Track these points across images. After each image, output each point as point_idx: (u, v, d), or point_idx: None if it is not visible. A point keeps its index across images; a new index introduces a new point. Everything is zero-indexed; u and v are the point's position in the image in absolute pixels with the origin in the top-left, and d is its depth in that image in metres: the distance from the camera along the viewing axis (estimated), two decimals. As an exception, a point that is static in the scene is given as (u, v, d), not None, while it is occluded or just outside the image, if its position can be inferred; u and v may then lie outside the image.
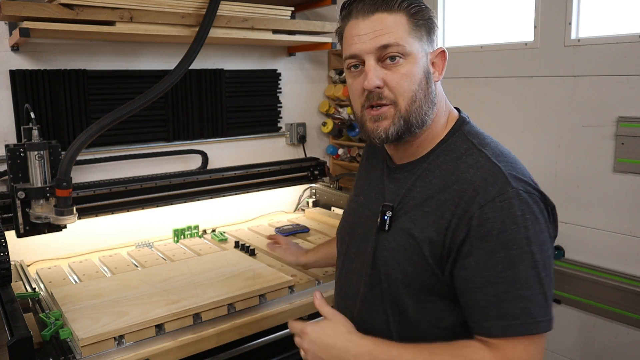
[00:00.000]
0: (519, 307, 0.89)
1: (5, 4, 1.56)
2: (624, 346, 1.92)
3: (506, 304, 0.90)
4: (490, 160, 0.97)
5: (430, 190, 1.00)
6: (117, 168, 2.17)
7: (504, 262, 0.90)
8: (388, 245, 1.03)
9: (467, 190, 0.94)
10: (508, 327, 0.89)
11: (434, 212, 0.97)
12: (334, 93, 2.68)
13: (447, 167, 1.00)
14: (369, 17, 0.98)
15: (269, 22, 2.10)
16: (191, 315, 1.47)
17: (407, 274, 1.00)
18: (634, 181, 1.84)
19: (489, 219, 0.91)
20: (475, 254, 0.92)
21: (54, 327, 1.36)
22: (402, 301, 1.02)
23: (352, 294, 1.14)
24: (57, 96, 1.97)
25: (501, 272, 0.90)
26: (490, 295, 0.91)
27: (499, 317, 0.90)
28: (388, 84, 0.98)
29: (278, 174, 2.48)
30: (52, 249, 1.98)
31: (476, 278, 0.92)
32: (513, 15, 2.20)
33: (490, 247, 0.91)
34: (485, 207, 0.91)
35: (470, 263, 0.93)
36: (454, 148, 1.03)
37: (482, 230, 0.91)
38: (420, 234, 0.98)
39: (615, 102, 1.85)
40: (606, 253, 1.94)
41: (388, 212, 1.04)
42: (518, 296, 0.89)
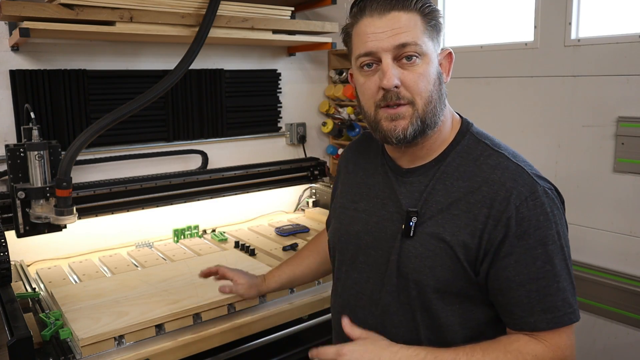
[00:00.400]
0: (560, 299, 0.94)
1: (5, 4, 1.56)
2: (624, 346, 1.92)
3: (549, 297, 0.94)
4: (511, 161, 1.00)
5: (456, 193, 0.99)
6: (117, 168, 2.17)
7: (542, 258, 0.94)
8: (415, 251, 1.01)
9: (499, 192, 0.96)
10: (554, 319, 0.94)
11: (464, 215, 0.97)
12: (334, 93, 2.68)
13: (467, 169, 1.01)
14: (385, 15, 0.96)
15: (269, 22, 2.10)
16: (191, 315, 1.47)
17: (438, 279, 0.99)
18: (634, 181, 1.84)
19: (525, 218, 0.94)
20: (515, 253, 0.95)
21: (54, 327, 1.36)
22: (432, 307, 1.00)
23: (364, 305, 1.09)
24: (57, 96, 1.97)
25: (541, 267, 0.94)
26: (533, 291, 0.94)
27: (544, 311, 0.94)
28: (405, 84, 0.97)
29: (278, 174, 2.48)
30: (52, 249, 1.98)
31: (518, 276, 0.95)
32: (513, 15, 2.20)
33: (528, 245, 0.94)
34: (520, 206, 0.94)
35: (511, 262, 0.95)
36: (469, 150, 1.03)
37: (520, 229, 0.94)
38: (452, 237, 0.97)
39: (615, 102, 1.85)
40: (606, 253, 1.94)
41: (414, 217, 1.01)
42: (558, 289, 0.94)
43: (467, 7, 2.39)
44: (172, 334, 1.42)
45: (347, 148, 1.30)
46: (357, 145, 1.27)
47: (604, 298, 1.94)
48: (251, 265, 1.79)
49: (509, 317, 0.98)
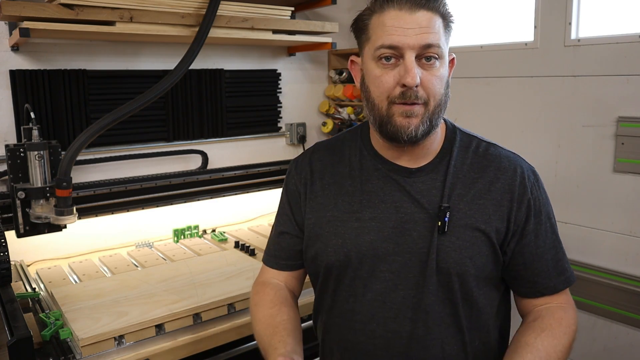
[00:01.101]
0: (566, 261, 1.10)
1: (5, 4, 1.56)
2: (624, 346, 1.92)
3: (560, 262, 1.09)
4: (506, 149, 1.12)
5: (475, 184, 1.06)
6: (117, 168, 2.17)
7: (550, 230, 1.08)
8: (452, 245, 1.02)
9: (514, 178, 1.06)
10: (566, 280, 1.09)
11: (490, 203, 1.05)
12: (334, 93, 2.68)
13: (473, 162, 1.08)
14: (415, 12, 0.96)
15: (269, 22, 2.10)
16: (191, 315, 1.47)
17: (478, 267, 1.04)
18: (634, 181, 1.84)
19: (537, 197, 1.07)
20: (534, 230, 1.06)
21: (54, 327, 1.36)
22: (473, 295, 1.05)
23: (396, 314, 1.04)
24: (57, 96, 1.97)
25: (552, 238, 1.08)
26: (550, 260, 1.07)
27: (559, 274, 1.08)
28: (423, 84, 0.97)
29: (278, 174, 2.48)
30: (52, 249, 1.98)
31: (539, 249, 1.06)
32: (513, 15, 2.20)
33: (541, 220, 1.07)
34: (532, 188, 1.07)
35: (532, 238, 1.06)
36: (466, 144, 1.11)
37: (536, 208, 1.06)
38: (486, 225, 1.04)
39: (615, 102, 1.85)
40: (606, 253, 1.94)
41: (448, 213, 1.02)
42: (563, 253, 1.10)
43: (467, 7, 2.39)
44: (172, 334, 1.42)
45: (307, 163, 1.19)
46: (320, 156, 1.18)
47: (604, 298, 1.94)
48: (251, 265, 1.79)
49: (531, 286, 1.08)
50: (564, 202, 2.02)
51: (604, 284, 1.93)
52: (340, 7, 2.59)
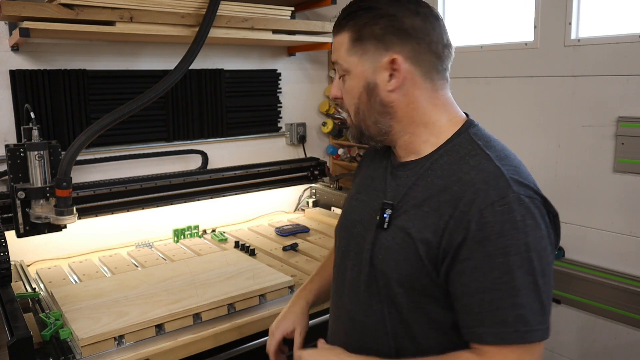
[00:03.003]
0: (514, 314, 0.88)
1: (5, 4, 1.56)
2: (624, 346, 1.92)
3: (501, 310, 0.89)
4: (493, 162, 0.95)
5: (431, 190, 0.98)
6: (117, 168, 2.17)
7: (501, 268, 0.89)
8: (386, 243, 1.02)
9: (466, 192, 0.93)
10: (502, 334, 0.89)
11: (432, 212, 0.96)
12: (334, 93, 2.67)
13: (450, 168, 0.99)
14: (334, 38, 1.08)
15: (269, 22, 2.10)
16: (191, 315, 1.47)
17: (402, 273, 0.99)
18: (634, 181, 1.84)
19: (488, 223, 0.89)
20: (473, 259, 0.91)
21: (54, 327, 1.36)
22: (397, 300, 1.01)
23: (348, 292, 1.12)
24: (57, 96, 1.97)
25: (498, 278, 0.89)
26: (486, 302, 0.90)
27: (493, 324, 0.89)
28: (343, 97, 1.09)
29: (278, 174, 2.48)
30: (52, 249, 1.98)
31: (473, 283, 0.91)
32: (513, 15, 2.20)
33: (488, 252, 0.89)
34: (484, 210, 0.90)
35: (468, 267, 0.91)
36: (459, 149, 1.01)
37: (481, 234, 0.90)
38: (417, 233, 0.97)
39: (615, 102, 1.85)
40: (606, 253, 1.94)
41: (388, 210, 1.03)
42: (514, 303, 0.88)
43: (467, 7, 2.39)
44: (172, 334, 1.42)
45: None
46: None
47: (604, 298, 1.94)
48: (251, 265, 1.79)
49: (462, 324, 0.95)
50: (563, 202, 2.02)
51: (603, 283, 1.93)
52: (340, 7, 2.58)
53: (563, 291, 2.05)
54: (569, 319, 2.06)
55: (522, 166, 0.99)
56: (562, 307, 2.07)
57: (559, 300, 2.07)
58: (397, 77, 1.00)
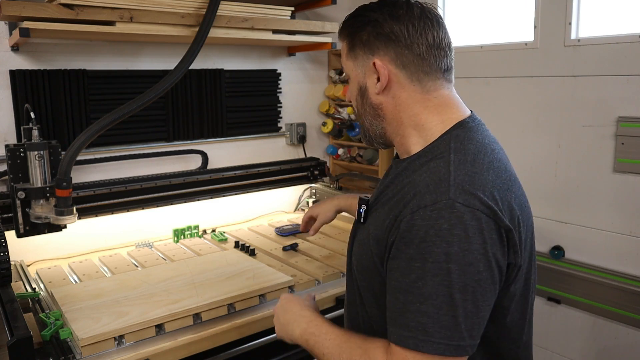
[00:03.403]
0: (416, 321, 0.87)
1: (5, 4, 1.56)
2: (624, 346, 1.92)
3: (407, 314, 0.88)
4: (446, 167, 0.92)
5: (394, 190, 1.01)
6: (117, 168, 2.17)
7: (417, 272, 0.88)
8: (358, 237, 1.10)
9: (408, 194, 0.94)
10: (400, 337, 0.89)
11: (387, 211, 0.99)
12: (334, 93, 2.68)
13: (415, 169, 0.99)
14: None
15: (269, 22, 2.10)
16: (191, 315, 1.47)
17: (363, 268, 1.06)
18: (634, 181, 1.84)
19: (415, 226, 0.88)
20: (398, 258, 0.91)
21: (54, 327, 1.36)
22: (362, 292, 1.09)
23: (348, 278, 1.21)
24: (57, 96, 1.97)
25: (412, 281, 0.88)
26: (399, 302, 0.90)
27: (397, 325, 0.90)
28: None
29: (278, 174, 2.48)
30: (52, 249, 1.98)
31: (393, 282, 0.92)
32: (513, 15, 2.20)
33: (409, 255, 0.89)
34: (415, 213, 0.89)
35: (393, 266, 0.93)
36: (434, 150, 0.98)
37: (408, 236, 0.90)
38: (373, 231, 1.02)
39: (615, 102, 1.85)
40: (606, 253, 1.94)
41: (363, 205, 1.09)
42: (418, 310, 0.87)
43: (467, 7, 2.39)
44: (172, 334, 1.42)
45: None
46: None
47: (604, 298, 1.94)
48: (251, 265, 1.79)
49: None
50: (564, 202, 2.02)
51: (603, 284, 1.94)
52: (340, 7, 2.59)
53: (563, 291, 2.05)
54: (569, 319, 2.06)
55: (487, 174, 0.93)
56: (562, 307, 2.07)
57: (559, 300, 2.07)
58: (382, 80, 1.03)
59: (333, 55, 2.71)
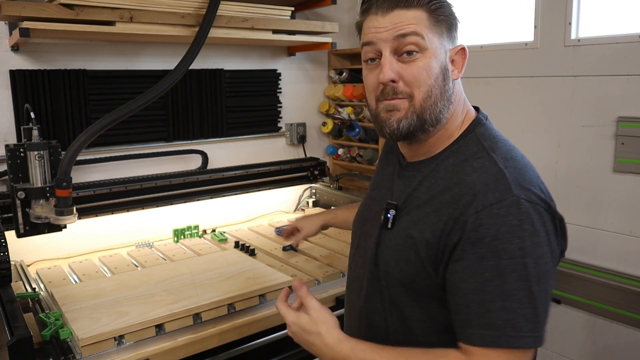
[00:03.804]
0: (503, 318, 0.87)
1: (5, 4, 1.56)
2: (624, 346, 1.92)
3: (490, 313, 0.88)
4: (496, 165, 0.94)
5: (434, 191, 0.99)
6: (117, 168, 2.17)
7: (492, 270, 0.88)
8: (389, 243, 1.04)
9: (466, 194, 0.92)
10: (489, 337, 0.88)
11: (433, 214, 0.97)
12: (334, 93, 2.68)
13: (453, 170, 0.99)
14: (389, 13, 0.97)
15: (269, 22, 2.10)
16: (191, 315, 1.47)
17: (404, 274, 1.00)
18: (634, 181, 1.84)
19: (484, 225, 0.89)
20: (466, 259, 0.91)
21: (54, 327, 1.36)
22: (398, 300, 1.02)
23: (357, 288, 1.14)
24: (57, 96, 1.97)
25: (489, 280, 0.88)
26: (475, 303, 0.89)
27: (481, 326, 0.88)
28: (404, 78, 0.97)
29: (278, 174, 2.48)
30: (52, 249, 1.98)
31: (463, 283, 0.91)
32: (513, 15, 2.20)
33: (480, 254, 0.89)
34: (481, 212, 0.89)
35: (459, 268, 0.91)
36: (464, 150, 1.00)
37: (475, 235, 0.89)
38: (419, 235, 0.98)
39: (615, 102, 1.85)
40: (606, 253, 1.94)
41: (392, 210, 1.03)
42: (502, 307, 0.87)
43: (467, 7, 2.39)
44: (172, 334, 1.42)
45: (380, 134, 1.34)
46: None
47: (604, 298, 1.94)
48: (251, 265, 1.79)
49: (454, 324, 0.94)
50: (564, 202, 2.02)
51: (604, 284, 1.93)
52: (340, 7, 2.59)
53: (563, 291, 2.05)
54: (569, 319, 2.06)
55: (528, 169, 0.97)
56: (562, 307, 2.07)
57: (559, 300, 2.07)
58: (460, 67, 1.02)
59: (333, 55, 2.71)
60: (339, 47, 2.53)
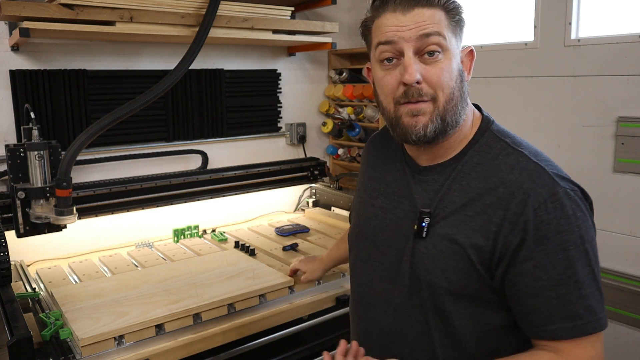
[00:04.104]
0: (583, 306, 0.90)
1: (5, 4, 1.56)
2: (624, 346, 1.92)
3: (571, 305, 0.90)
4: (531, 160, 0.95)
5: (471, 193, 0.96)
6: (117, 168, 2.17)
7: (563, 263, 0.90)
8: (428, 252, 0.99)
9: (515, 193, 0.92)
10: (575, 328, 0.90)
11: (478, 216, 0.94)
12: (334, 93, 2.68)
13: (484, 169, 0.97)
14: (410, 11, 0.94)
15: (269, 22, 2.10)
16: (191, 315, 1.47)
17: (451, 282, 0.96)
18: (634, 181, 1.84)
19: (544, 221, 0.90)
20: (534, 258, 0.91)
21: (54, 327, 1.36)
22: (446, 309, 0.98)
23: (378, 303, 1.08)
24: (57, 96, 1.97)
25: (561, 273, 0.90)
26: (553, 298, 0.90)
27: (564, 319, 0.90)
28: (427, 80, 0.94)
29: (278, 174, 2.48)
30: (52, 249, 1.98)
31: (537, 282, 0.91)
32: (513, 15, 2.20)
33: (548, 250, 0.90)
34: (538, 209, 0.90)
35: (529, 268, 0.91)
36: (487, 148, 0.99)
37: (538, 233, 0.90)
38: (465, 239, 0.95)
39: (615, 102, 1.85)
40: (606, 253, 1.93)
41: (427, 218, 0.99)
42: (580, 296, 0.90)
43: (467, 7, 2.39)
44: (172, 334, 1.42)
45: (370, 140, 1.26)
46: (378, 138, 1.23)
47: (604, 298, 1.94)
48: (251, 265, 1.79)
49: (529, 325, 0.94)
50: (564, 202, 2.02)
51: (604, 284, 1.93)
52: (340, 7, 2.59)
53: (563, 291, 2.05)
54: (569, 319, 2.06)
55: (551, 160, 1.00)
56: (562, 307, 2.07)
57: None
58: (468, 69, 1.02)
59: (333, 55, 2.71)
60: (339, 47, 2.53)
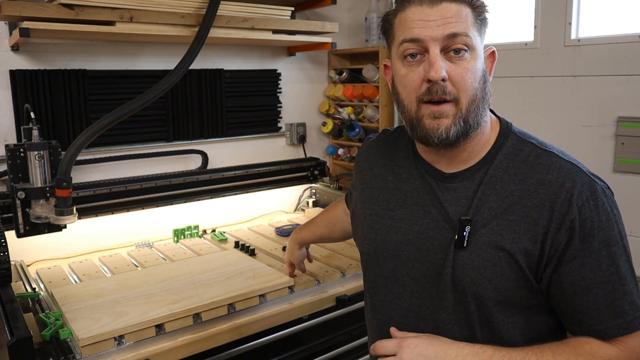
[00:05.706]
0: (628, 302, 0.91)
1: (5, 4, 1.56)
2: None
3: (617, 302, 0.90)
4: (562, 159, 0.95)
5: (510, 197, 0.94)
6: (117, 168, 2.17)
7: (607, 260, 0.90)
8: (472, 263, 0.94)
9: (558, 193, 0.91)
10: (624, 324, 0.90)
11: (522, 220, 0.92)
12: (334, 93, 2.68)
13: (518, 171, 0.95)
14: (437, 5, 0.91)
15: (269, 22, 2.10)
16: (191, 315, 1.47)
17: (499, 291, 0.93)
18: (634, 181, 1.84)
19: (588, 219, 0.90)
20: (580, 257, 0.90)
21: (54, 327, 1.36)
22: (493, 320, 0.96)
23: (411, 322, 1.03)
24: (57, 96, 1.97)
25: (606, 270, 0.90)
26: (600, 296, 0.90)
27: (612, 317, 0.90)
28: (452, 78, 0.91)
29: (278, 174, 2.48)
30: (52, 249, 1.98)
31: (584, 281, 0.91)
32: (513, 15, 2.20)
33: (593, 248, 0.90)
34: (582, 207, 0.90)
35: (575, 266, 0.91)
36: (516, 151, 0.98)
37: (583, 231, 0.90)
38: (513, 245, 0.92)
39: (615, 102, 1.85)
40: (606, 253, 1.94)
41: (467, 227, 0.94)
42: (624, 292, 0.91)
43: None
44: (172, 334, 1.42)
45: (367, 147, 1.21)
46: (379, 144, 1.18)
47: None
48: (251, 265, 1.79)
49: (577, 324, 0.93)
50: (564, 202, 2.02)
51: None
52: (340, 7, 2.59)
53: (563, 291, 2.05)
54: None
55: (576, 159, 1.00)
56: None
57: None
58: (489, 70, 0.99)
59: (333, 55, 2.71)
60: (339, 47, 2.53)
